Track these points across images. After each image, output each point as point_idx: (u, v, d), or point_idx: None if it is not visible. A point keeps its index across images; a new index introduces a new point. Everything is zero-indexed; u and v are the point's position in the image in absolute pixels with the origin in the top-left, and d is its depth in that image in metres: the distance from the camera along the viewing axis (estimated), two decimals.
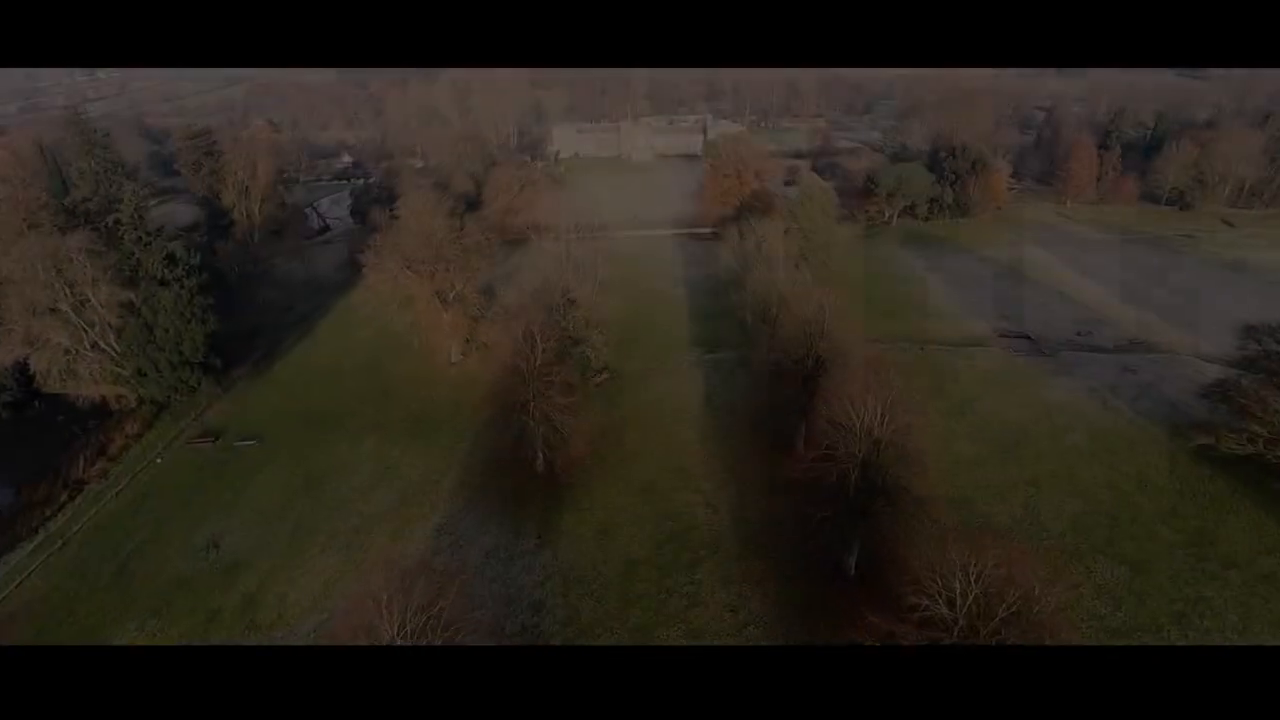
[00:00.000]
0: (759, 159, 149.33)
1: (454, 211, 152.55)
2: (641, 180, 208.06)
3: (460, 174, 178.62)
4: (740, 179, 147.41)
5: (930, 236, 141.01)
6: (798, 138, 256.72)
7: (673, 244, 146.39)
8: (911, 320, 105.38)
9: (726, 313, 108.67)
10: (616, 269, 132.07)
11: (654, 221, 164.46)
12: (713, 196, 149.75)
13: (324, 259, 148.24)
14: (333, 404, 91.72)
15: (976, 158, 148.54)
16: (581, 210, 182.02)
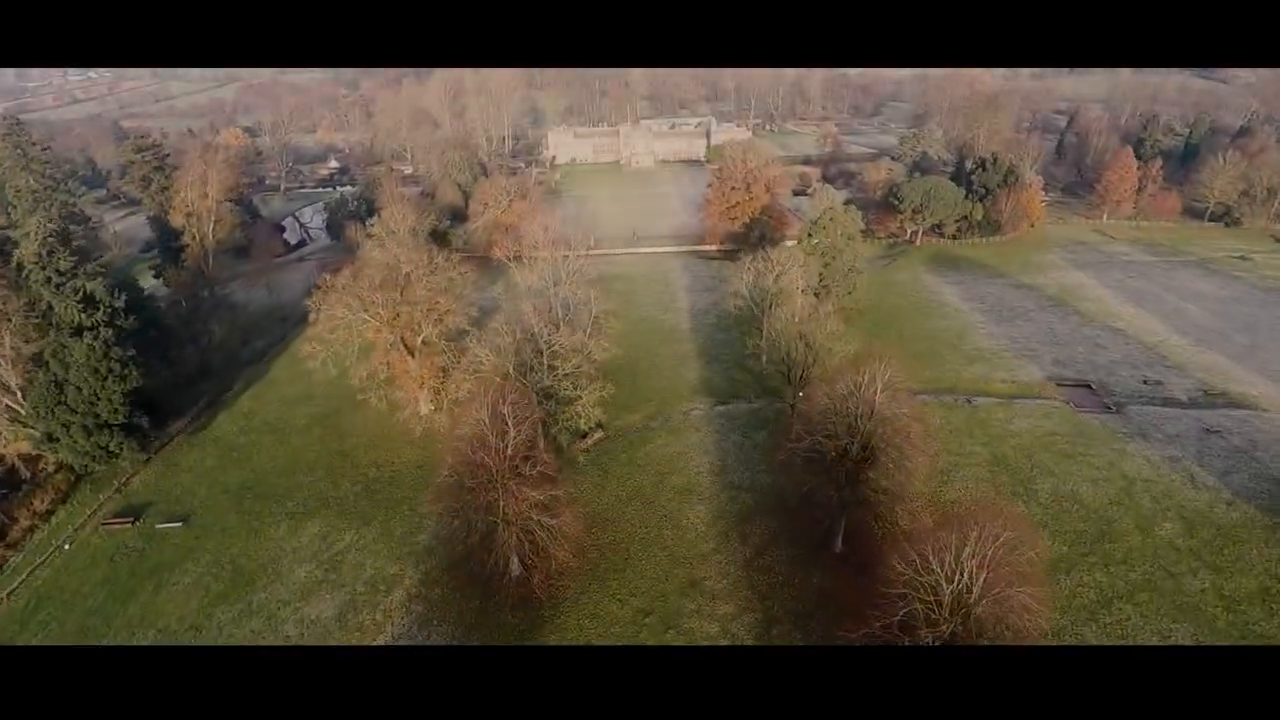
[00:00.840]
0: (770, 170, 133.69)
1: (435, 230, 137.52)
2: (642, 189, 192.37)
3: (447, 184, 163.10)
4: (750, 192, 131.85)
5: (960, 259, 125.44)
6: (806, 142, 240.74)
7: (676, 264, 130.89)
8: (953, 365, 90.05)
9: (739, 352, 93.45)
10: (614, 294, 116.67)
11: (655, 237, 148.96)
12: (719, 211, 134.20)
13: (294, 281, 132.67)
14: (277, 470, 76.56)
15: (1008, 170, 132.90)
16: (576, 226, 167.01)
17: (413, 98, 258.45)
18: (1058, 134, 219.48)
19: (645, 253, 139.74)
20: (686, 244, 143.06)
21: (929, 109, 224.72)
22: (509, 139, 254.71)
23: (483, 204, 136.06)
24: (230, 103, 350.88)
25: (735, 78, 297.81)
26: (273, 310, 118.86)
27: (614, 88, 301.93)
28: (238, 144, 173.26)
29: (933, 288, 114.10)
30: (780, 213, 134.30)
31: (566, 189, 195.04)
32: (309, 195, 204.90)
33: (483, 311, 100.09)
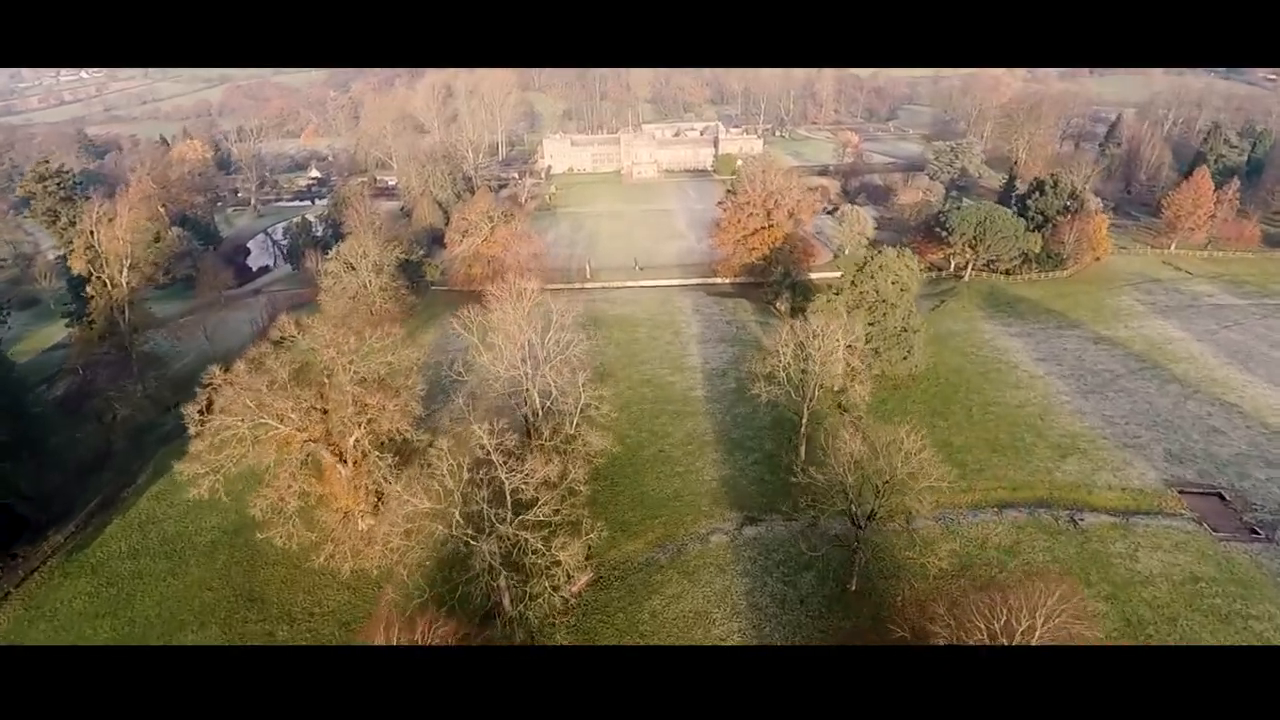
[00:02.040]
0: (793, 192, 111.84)
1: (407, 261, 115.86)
2: (644, 203, 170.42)
3: (426, 203, 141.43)
4: (770, 219, 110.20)
5: (1020, 301, 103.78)
6: (821, 150, 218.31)
7: (685, 302, 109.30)
8: (1043, 459, 68.66)
9: (768, 433, 72.32)
10: (612, 344, 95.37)
11: (660, 266, 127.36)
12: (734, 239, 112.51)
13: (242, 322, 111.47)
14: (162, 620, 55.68)
15: (1071, 194, 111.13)
16: (570, 251, 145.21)
17: (401, 101, 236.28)
18: (1094, 141, 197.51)
19: (649, 286, 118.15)
20: (695, 274, 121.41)
21: (954, 114, 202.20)
22: (502, 145, 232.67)
23: (461, 230, 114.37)
24: (216, 105, 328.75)
25: (742, 80, 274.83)
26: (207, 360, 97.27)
27: (615, 90, 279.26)
28: (195, 157, 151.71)
29: (996, 341, 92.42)
30: (806, 242, 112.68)
31: (562, 204, 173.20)
32: (282, 210, 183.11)
33: (452, 361, 78.27)
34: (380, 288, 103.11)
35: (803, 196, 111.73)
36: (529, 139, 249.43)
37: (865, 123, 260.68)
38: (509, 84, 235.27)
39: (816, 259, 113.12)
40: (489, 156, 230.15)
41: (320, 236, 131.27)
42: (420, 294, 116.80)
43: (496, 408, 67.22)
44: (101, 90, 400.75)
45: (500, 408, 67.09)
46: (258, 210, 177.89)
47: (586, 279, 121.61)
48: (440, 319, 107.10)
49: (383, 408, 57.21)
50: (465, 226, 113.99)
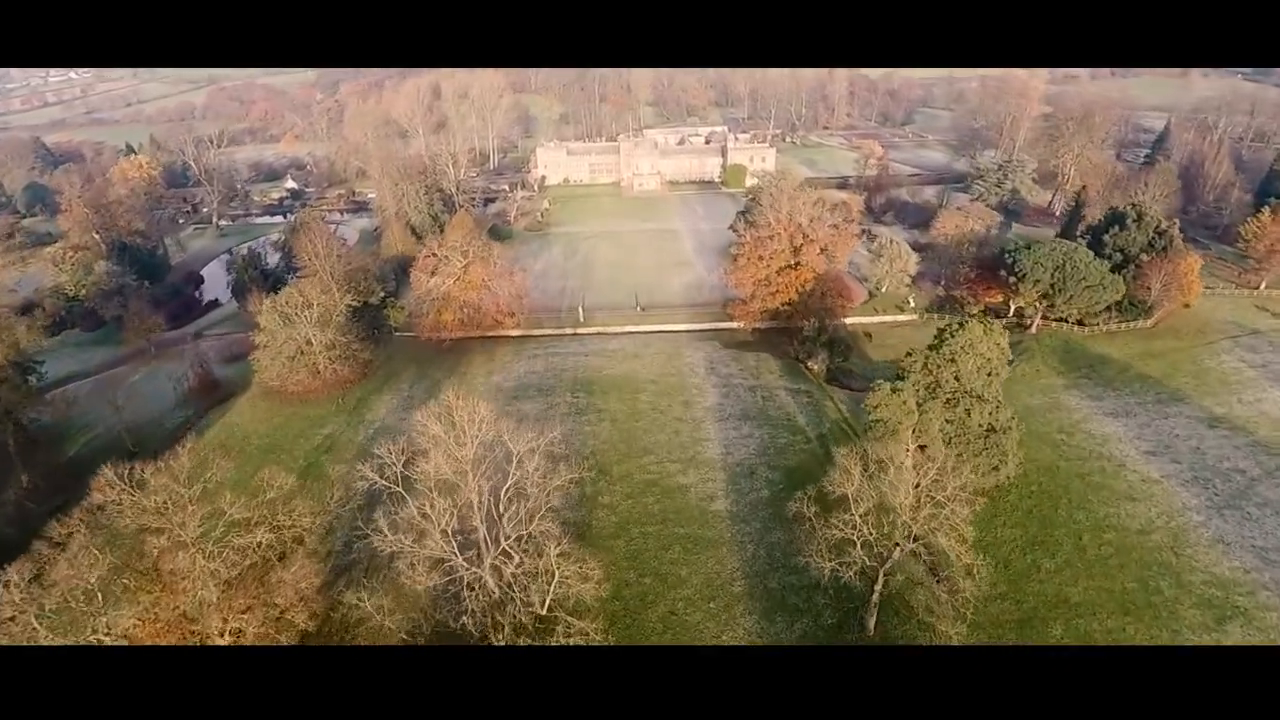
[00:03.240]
0: (827, 222, 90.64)
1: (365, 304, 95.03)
2: (646, 221, 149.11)
3: (397, 227, 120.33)
4: (798, 254, 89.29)
5: (1107, 363, 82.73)
6: (836, 158, 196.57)
7: (696, 357, 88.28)
8: (1190, 625, 48.14)
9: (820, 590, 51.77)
10: (607, 420, 74.74)
11: (664, 303, 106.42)
12: (753, 279, 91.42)
13: (170, 376, 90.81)
14: None
15: (1157, 228, 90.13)
16: (560, 284, 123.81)
17: (386, 105, 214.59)
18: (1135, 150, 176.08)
19: (653, 333, 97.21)
20: (707, 317, 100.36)
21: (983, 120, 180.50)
22: (494, 153, 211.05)
23: (429, 268, 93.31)
24: (200, 108, 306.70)
25: (749, 81, 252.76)
26: (109, 447, 76.89)
27: (615, 92, 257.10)
28: (139, 175, 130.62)
29: (1089, 424, 71.49)
30: (840, 283, 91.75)
31: (555, 222, 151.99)
32: (250, 228, 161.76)
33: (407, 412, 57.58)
34: (327, 345, 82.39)
35: (838, 229, 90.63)
36: (523, 145, 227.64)
37: (880, 127, 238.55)
38: (501, 86, 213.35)
39: (854, 300, 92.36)
40: (479, 166, 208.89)
41: (272, 269, 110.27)
42: (381, 343, 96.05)
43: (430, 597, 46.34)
44: (87, 91, 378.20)
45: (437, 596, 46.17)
46: (220, 229, 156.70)
47: (579, 322, 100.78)
48: (400, 379, 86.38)
49: (251, 610, 36.55)
50: (434, 264, 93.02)
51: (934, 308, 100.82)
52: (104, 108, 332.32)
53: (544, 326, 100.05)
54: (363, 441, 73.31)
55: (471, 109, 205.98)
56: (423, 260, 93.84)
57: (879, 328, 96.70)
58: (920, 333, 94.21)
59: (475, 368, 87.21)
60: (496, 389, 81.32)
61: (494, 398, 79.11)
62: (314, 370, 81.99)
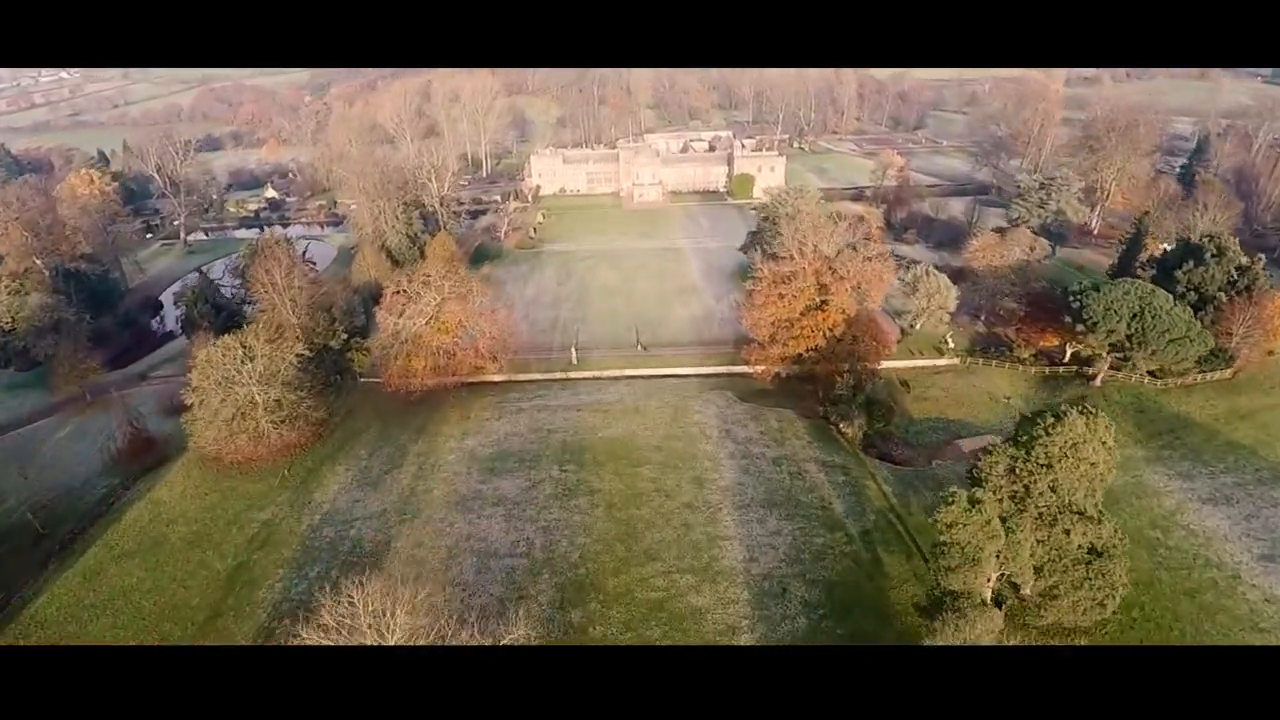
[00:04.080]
0: (858, 259, 76.17)
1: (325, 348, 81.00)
2: (648, 238, 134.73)
3: (369, 253, 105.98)
4: (826, 293, 75.13)
5: (1190, 428, 68.34)
6: (848, 166, 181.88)
7: (709, 414, 73.91)
8: None
9: None
10: (599, 504, 60.34)
11: (669, 340, 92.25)
12: (772, 320, 77.04)
13: (99, 432, 76.83)
14: None
15: (1239, 264, 75.98)
16: (549, 317, 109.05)
17: (373, 109, 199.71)
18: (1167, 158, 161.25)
19: (656, 378, 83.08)
20: (717, 358, 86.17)
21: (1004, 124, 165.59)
22: (487, 159, 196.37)
23: (397, 308, 78.98)
24: (188, 109, 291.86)
25: (754, 83, 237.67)
26: (13, 531, 62.78)
27: (614, 95, 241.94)
28: (89, 191, 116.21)
29: (1184, 516, 57.20)
30: (875, 327, 77.40)
31: (549, 238, 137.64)
32: (220, 245, 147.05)
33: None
34: (271, 405, 68.24)
35: (872, 263, 76.15)
36: (518, 150, 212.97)
37: (891, 132, 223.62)
38: (493, 89, 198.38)
39: (890, 345, 78.10)
40: (471, 173, 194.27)
41: (227, 302, 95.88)
42: (344, 392, 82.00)
43: None
44: (75, 92, 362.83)
45: None
46: (189, 246, 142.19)
47: (572, 364, 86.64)
48: (359, 442, 72.24)
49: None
50: (402, 303, 78.71)
51: (976, 348, 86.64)
52: (90, 110, 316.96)
53: (531, 369, 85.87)
54: (306, 533, 59.19)
55: (463, 113, 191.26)
56: (389, 299, 79.45)
57: (915, 373, 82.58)
58: (964, 380, 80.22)
59: (448, 426, 73.01)
60: (470, 457, 67.15)
61: (466, 470, 65.16)
62: (256, 436, 67.90)
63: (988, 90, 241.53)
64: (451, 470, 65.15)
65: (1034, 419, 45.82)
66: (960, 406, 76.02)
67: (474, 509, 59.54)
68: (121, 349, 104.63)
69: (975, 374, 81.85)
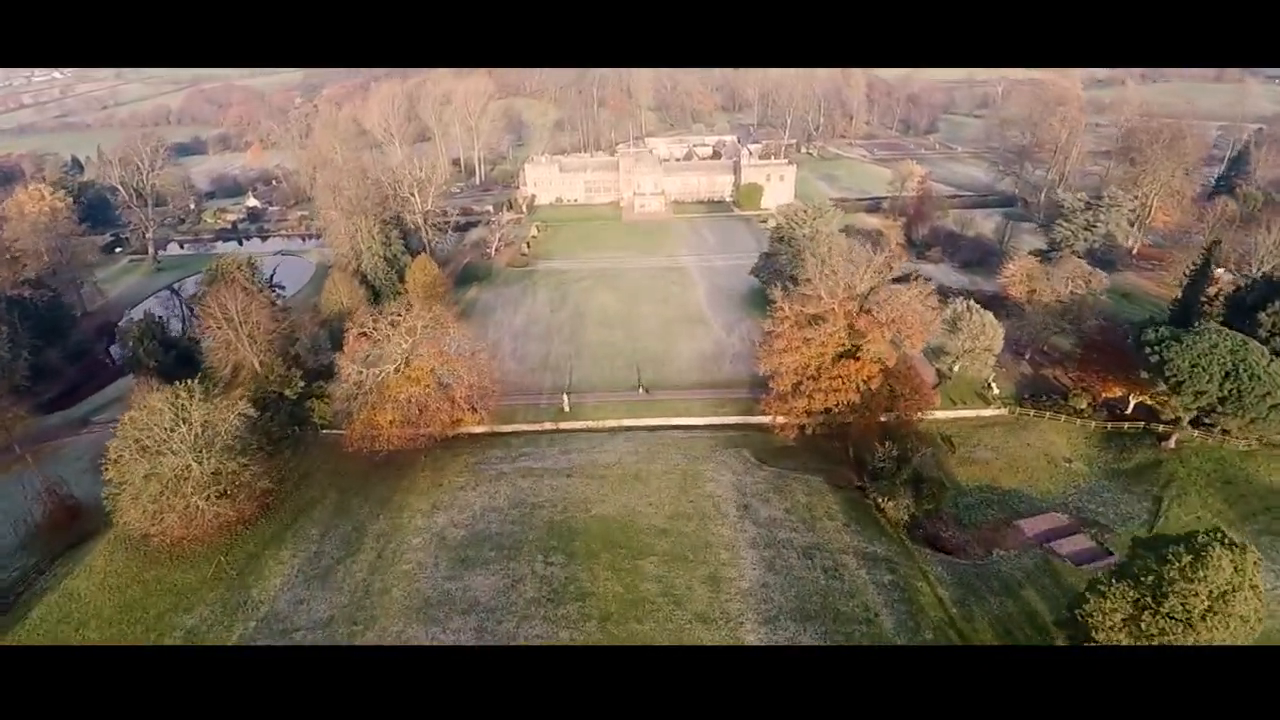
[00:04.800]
0: (899, 300, 64.10)
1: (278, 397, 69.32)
2: (649, 255, 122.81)
3: (340, 279, 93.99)
4: (857, 340, 63.28)
5: None
6: (860, 173, 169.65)
7: (721, 480, 61.91)
8: None
9: None
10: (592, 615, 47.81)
11: (674, 380, 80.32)
12: (795, 368, 64.91)
13: (19, 496, 65.08)
14: None
15: None
16: (539, 354, 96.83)
17: (361, 112, 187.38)
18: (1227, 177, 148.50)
19: (660, 430, 71.25)
20: (730, 405, 74.36)
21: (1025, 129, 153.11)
22: (480, 166, 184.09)
23: (359, 356, 66.97)
24: (176, 111, 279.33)
25: (760, 84, 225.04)
26: None
27: (614, 96, 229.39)
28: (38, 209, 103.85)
29: None
30: (913, 378, 65.42)
31: (543, 254, 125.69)
32: (191, 262, 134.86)
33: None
34: (206, 479, 56.38)
35: (915, 301, 64.00)
36: (514, 155, 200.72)
37: (902, 136, 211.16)
38: (487, 91, 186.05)
39: (930, 397, 66.07)
40: (464, 180, 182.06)
41: (177, 338, 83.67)
42: (300, 448, 70.18)
43: None
44: (66, 92, 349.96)
45: None
46: (158, 262, 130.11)
47: (564, 411, 74.86)
48: (310, 518, 60.28)
49: None
50: (365, 349, 66.69)
51: (1023, 394, 74.83)
52: (79, 111, 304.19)
53: (517, 418, 73.97)
54: (239, 644, 47.55)
55: (455, 117, 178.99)
56: (351, 343, 67.42)
57: (959, 427, 70.73)
58: (1014, 437, 68.34)
59: (415, 497, 61.08)
60: (439, 541, 55.20)
61: (433, 560, 53.32)
62: (188, 515, 56.08)
63: (1000, 93, 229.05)
64: (416, 560, 53.34)
65: (1158, 549, 33.97)
66: (1014, 471, 64.17)
67: (439, 618, 47.73)
68: (69, 385, 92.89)
69: (1026, 428, 69.99)
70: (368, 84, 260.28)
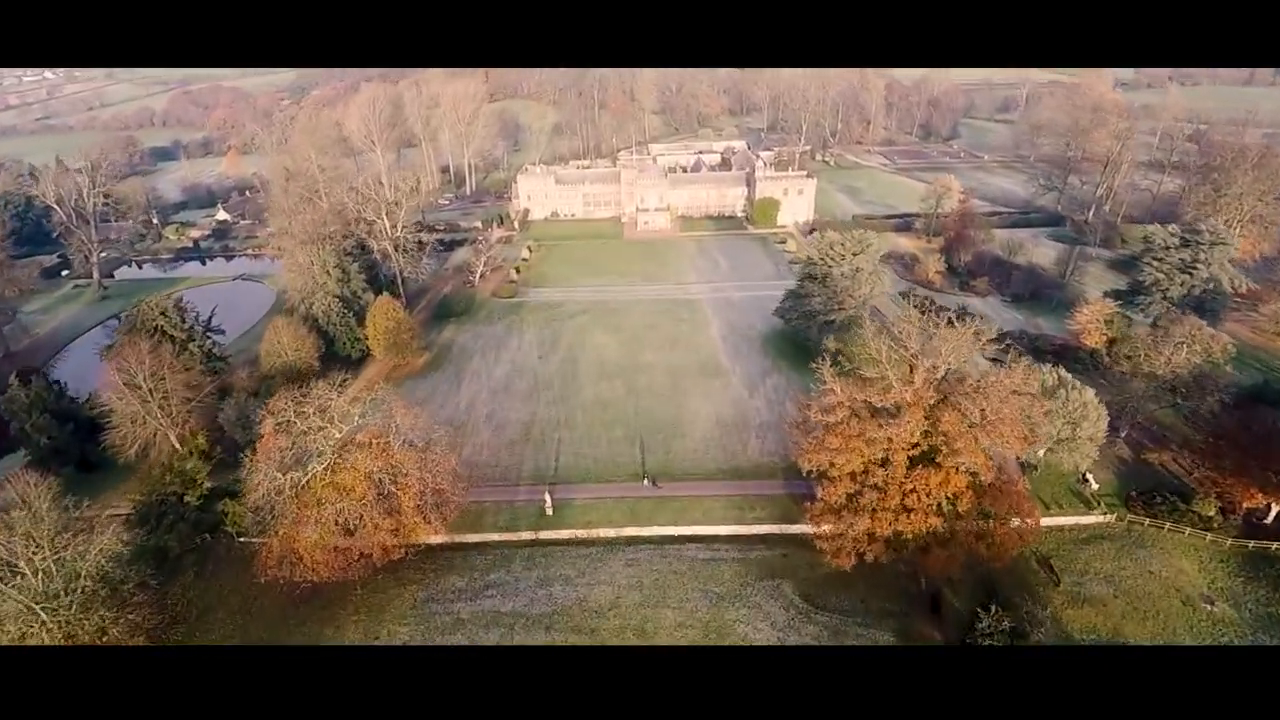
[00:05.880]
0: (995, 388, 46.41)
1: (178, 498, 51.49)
2: (653, 283, 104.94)
3: (285, 327, 76.25)
4: (935, 439, 45.65)
5: None
6: (881, 185, 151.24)
7: (758, 623, 44.76)
8: None
9: None
10: None
11: (683, 460, 62.15)
12: (851, 472, 47.39)
13: None
14: None
15: None
16: (523, 413, 78.24)
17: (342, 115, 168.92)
18: None
19: (670, 542, 53.76)
20: (761, 505, 56.55)
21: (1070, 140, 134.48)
22: (471, 175, 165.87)
23: (276, 453, 49.20)
24: (160, 113, 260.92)
25: (771, 87, 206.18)
26: None
27: (616, 99, 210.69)
28: None
29: None
30: (1009, 494, 47.64)
31: (534, 280, 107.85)
32: (142, 286, 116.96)
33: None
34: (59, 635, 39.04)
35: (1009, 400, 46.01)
36: (509, 161, 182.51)
37: (923, 143, 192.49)
38: (478, 94, 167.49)
39: (1031, 515, 48.37)
40: (453, 189, 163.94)
41: (76, 407, 65.64)
42: (207, 569, 52.56)
43: None
44: (54, 93, 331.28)
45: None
46: (104, 288, 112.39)
47: (546, 514, 57.10)
48: None
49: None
50: (282, 450, 48.94)
51: (1128, 490, 57.07)
52: (63, 112, 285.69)
53: (485, 524, 55.90)
54: None
55: (444, 121, 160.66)
56: (265, 441, 49.58)
57: (1057, 541, 52.93)
58: (1130, 559, 50.86)
59: None
60: None
61: None
62: None
63: (1025, 96, 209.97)
64: None
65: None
66: (1140, 616, 46.45)
67: None
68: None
69: (1142, 544, 52.23)
70: (359, 85, 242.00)
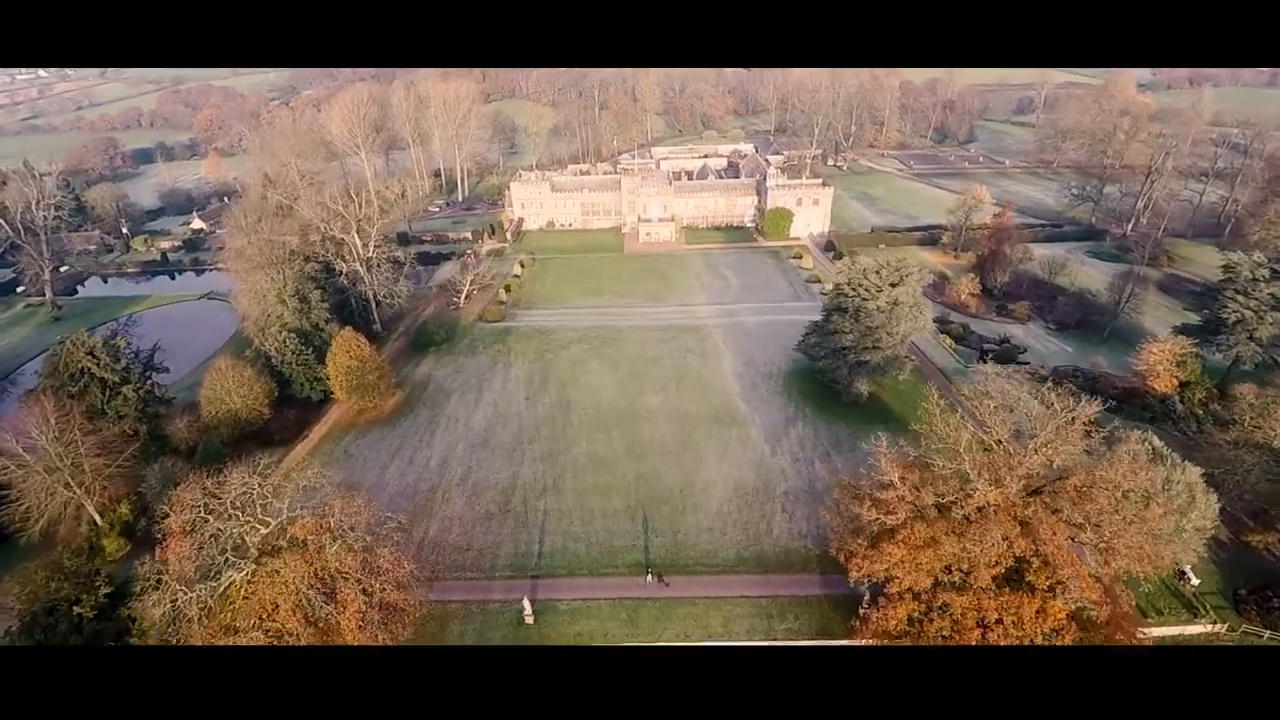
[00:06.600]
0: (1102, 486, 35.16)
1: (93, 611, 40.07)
2: (656, 305, 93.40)
3: (230, 372, 64.67)
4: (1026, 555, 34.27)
5: None
6: (899, 192, 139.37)
7: None
8: None
9: None
10: None
11: (695, 545, 50.73)
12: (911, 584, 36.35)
13: None
14: None
15: None
16: (503, 473, 64.81)
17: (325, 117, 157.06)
18: None
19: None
20: (792, 610, 45.23)
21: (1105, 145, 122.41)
22: (463, 181, 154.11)
23: (188, 552, 37.96)
24: (148, 114, 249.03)
25: (779, 88, 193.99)
26: None
27: (617, 100, 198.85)
28: None
29: None
30: (1118, 623, 36.34)
31: (524, 301, 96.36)
32: (99, 305, 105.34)
33: None
34: None
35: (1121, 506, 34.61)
36: (505, 164, 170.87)
37: (939, 147, 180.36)
38: (471, 94, 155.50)
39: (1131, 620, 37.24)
40: (445, 195, 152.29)
41: None
42: None
43: None
44: (44, 92, 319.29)
45: None
46: (56, 308, 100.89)
47: (526, 621, 45.60)
48: None
49: None
50: (196, 551, 37.54)
51: (1235, 590, 45.69)
52: (50, 112, 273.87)
53: (448, 635, 44.48)
54: None
55: (435, 123, 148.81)
56: (173, 544, 38.19)
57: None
58: None
59: None
60: None
61: None
62: None
63: (1043, 98, 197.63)
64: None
65: None
66: None
67: None
68: None
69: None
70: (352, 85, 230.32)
